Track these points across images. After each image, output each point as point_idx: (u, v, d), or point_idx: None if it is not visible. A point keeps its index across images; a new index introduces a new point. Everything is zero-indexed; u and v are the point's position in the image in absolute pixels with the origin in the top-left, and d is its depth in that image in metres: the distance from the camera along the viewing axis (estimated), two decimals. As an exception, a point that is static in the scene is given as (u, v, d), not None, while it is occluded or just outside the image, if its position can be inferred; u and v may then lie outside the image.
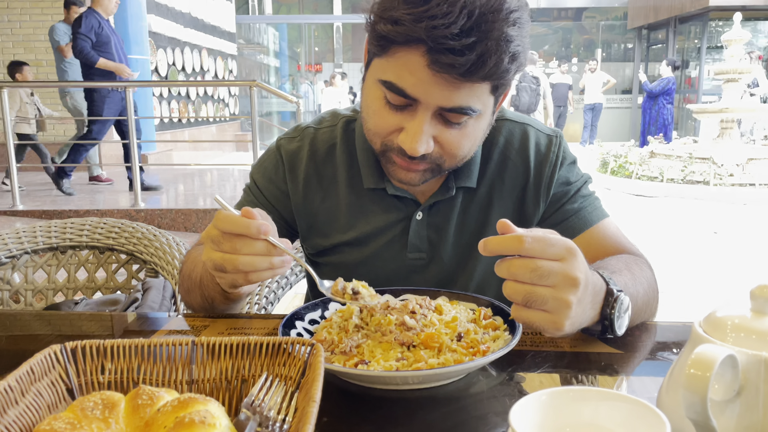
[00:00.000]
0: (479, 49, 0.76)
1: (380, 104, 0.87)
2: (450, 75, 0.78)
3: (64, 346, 0.60)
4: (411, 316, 0.74)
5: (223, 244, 0.76)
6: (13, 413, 0.52)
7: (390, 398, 0.68)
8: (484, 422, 0.64)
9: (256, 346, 0.62)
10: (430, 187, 1.00)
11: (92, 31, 5.17)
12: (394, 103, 0.86)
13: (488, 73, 0.79)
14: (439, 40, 0.76)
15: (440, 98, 0.82)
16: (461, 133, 0.87)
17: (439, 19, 0.75)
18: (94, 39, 5.18)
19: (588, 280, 0.71)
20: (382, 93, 0.86)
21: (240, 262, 0.75)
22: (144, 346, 0.62)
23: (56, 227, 1.51)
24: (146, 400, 0.53)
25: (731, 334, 0.50)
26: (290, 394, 0.59)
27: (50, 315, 1.09)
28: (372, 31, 0.84)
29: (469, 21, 0.75)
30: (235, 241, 0.75)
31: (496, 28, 0.77)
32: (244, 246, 0.75)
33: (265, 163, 1.09)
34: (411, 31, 0.77)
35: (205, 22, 11.20)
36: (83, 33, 5.15)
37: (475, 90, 0.82)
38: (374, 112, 0.89)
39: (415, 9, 0.77)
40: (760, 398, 0.47)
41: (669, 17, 13.03)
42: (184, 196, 5.90)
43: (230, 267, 0.76)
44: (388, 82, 0.83)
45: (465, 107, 0.83)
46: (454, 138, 0.87)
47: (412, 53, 0.79)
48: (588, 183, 1.04)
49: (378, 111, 0.88)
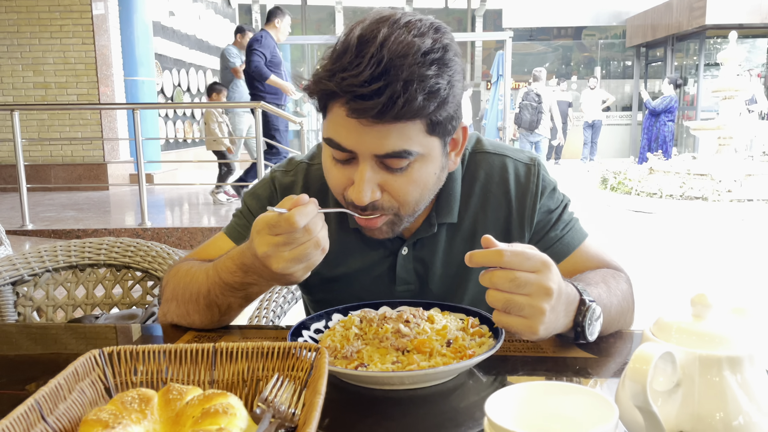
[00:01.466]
0: (388, 92, 0.81)
1: (331, 162, 0.93)
2: (366, 119, 0.83)
3: (102, 351, 0.69)
4: (405, 324, 0.83)
5: (299, 237, 0.81)
6: (62, 407, 0.61)
7: (386, 398, 0.76)
8: (471, 417, 0.72)
9: (268, 351, 0.71)
10: (413, 224, 1.05)
11: (268, 49, 5.46)
12: (338, 159, 0.91)
13: (402, 112, 0.82)
14: (349, 89, 0.82)
15: (372, 146, 0.86)
16: (407, 179, 0.90)
17: (348, 71, 0.82)
18: (269, 57, 5.46)
19: (561, 290, 0.80)
20: (329, 151, 0.92)
21: (321, 239, 0.83)
22: (171, 351, 0.71)
23: (75, 247, 1.60)
24: (176, 395, 0.62)
25: (674, 336, 0.59)
26: (299, 392, 0.68)
27: (77, 327, 1.18)
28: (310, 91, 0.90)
29: (378, 68, 0.81)
30: (313, 225, 0.81)
31: (404, 70, 0.81)
32: (317, 224, 0.82)
33: (259, 191, 1.13)
34: (326, 86, 0.84)
35: (210, 43, 11.40)
36: (260, 50, 5.49)
37: (406, 132, 0.86)
38: (327, 171, 0.95)
39: (332, 65, 0.84)
40: (696, 389, 0.56)
41: (667, 35, 13.22)
42: (189, 215, 6.02)
43: (314, 249, 0.83)
44: (328, 139, 0.90)
45: (398, 151, 0.86)
46: (400, 184, 0.90)
47: (338, 107, 0.86)
48: (568, 206, 1.10)
49: (330, 169, 0.94)
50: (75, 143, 7.65)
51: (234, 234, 1.10)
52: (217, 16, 11.95)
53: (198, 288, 0.98)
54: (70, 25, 7.52)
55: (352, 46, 0.83)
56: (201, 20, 10.96)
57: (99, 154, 7.78)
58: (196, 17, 10.75)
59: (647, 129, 11.03)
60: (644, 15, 14.25)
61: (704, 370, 0.56)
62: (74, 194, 7.23)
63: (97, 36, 7.55)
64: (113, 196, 7.14)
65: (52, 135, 7.62)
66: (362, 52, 0.82)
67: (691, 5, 11.95)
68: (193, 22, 10.59)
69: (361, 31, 0.83)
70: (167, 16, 9.49)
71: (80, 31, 7.52)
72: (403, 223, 0.96)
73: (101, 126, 7.69)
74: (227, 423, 0.57)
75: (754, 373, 0.56)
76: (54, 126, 7.68)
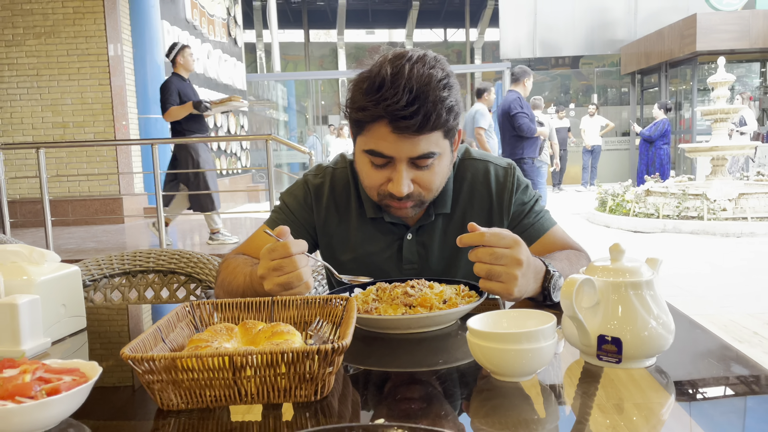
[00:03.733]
0: (423, 112, 1.11)
1: (369, 167, 1.21)
2: (408, 134, 1.12)
3: (191, 303, 0.95)
4: (411, 288, 1.09)
5: (286, 267, 1.00)
6: (171, 335, 0.87)
7: (397, 340, 1.02)
8: (463, 348, 0.97)
9: (311, 301, 0.97)
10: (416, 215, 1.31)
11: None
12: (377, 164, 1.19)
13: (433, 125, 1.13)
14: (393, 113, 1.10)
15: (408, 151, 1.15)
16: (431, 173, 1.20)
17: (390, 100, 1.10)
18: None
19: (530, 261, 1.06)
20: (368, 159, 1.20)
21: (304, 273, 1.02)
22: (239, 303, 0.97)
23: (128, 256, 1.87)
24: (251, 326, 0.88)
25: (597, 272, 0.85)
26: (334, 330, 0.94)
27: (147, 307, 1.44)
28: (349, 119, 1.20)
29: (411, 95, 1.10)
30: (296, 260, 1.01)
31: (430, 94, 1.11)
32: (301, 260, 1.02)
33: (296, 191, 1.41)
34: (374, 113, 1.12)
35: (218, 81, 11.84)
36: (525, 111, 6.04)
37: (431, 138, 1.15)
38: (366, 174, 1.22)
39: (373, 97, 1.11)
40: (610, 306, 0.82)
41: (660, 62, 13.61)
42: (200, 244, 6.29)
43: (298, 280, 1.01)
44: (369, 150, 1.17)
45: (427, 153, 1.16)
46: (427, 177, 1.20)
47: (379, 126, 1.14)
48: (539, 200, 1.37)
49: (368, 172, 1.21)
50: (92, 179, 7.98)
51: (273, 227, 1.36)
52: (225, 55, 12.43)
53: (238, 285, 1.22)
54: (87, 68, 7.91)
55: (387, 81, 1.11)
56: (209, 59, 11.41)
57: (115, 189, 8.11)
58: (205, 56, 11.20)
59: (643, 154, 11.30)
60: (637, 43, 14.69)
61: (614, 291, 0.82)
62: (91, 227, 7.53)
63: (113, 77, 7.94)
64: (128, 229, 7.43)
65: (70, 171, 7.96)
66: (396, 84, 1.10)
67: (681, 33, 12.36)
68: (202, 61, 11.04)
69: (391, 69, 1.12)
70: (178, 57, 9.91)
71: (97, 72, 7.91)
72: (425, 205, 1.26)
73: (117, 162, 8.03)
74: (291, 338, 0.83)
75: (650, 294, 0.82)
76: (72, 163, 8.03)
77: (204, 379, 0.73)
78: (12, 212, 6.58)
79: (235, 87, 13.11)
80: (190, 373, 0.72)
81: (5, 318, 0.94)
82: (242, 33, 14.21)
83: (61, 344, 1.09)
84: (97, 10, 7.81)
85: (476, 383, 0.83)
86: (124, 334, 1.26)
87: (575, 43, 16.33)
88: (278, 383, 0.74)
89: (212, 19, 11.77)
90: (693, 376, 0.85)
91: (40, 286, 1.05)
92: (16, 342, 0.95)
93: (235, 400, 0.75)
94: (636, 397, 0.74)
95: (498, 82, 11.87)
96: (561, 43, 16.63)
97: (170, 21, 9.60)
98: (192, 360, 0.71)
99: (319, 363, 0.73)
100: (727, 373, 0.84)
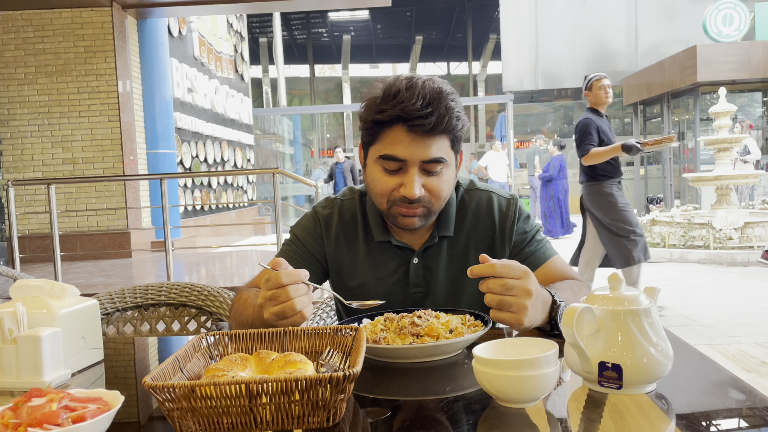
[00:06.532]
0: (436, 114, 1.21)
1: (381, 174, 1.28)
2: (422, 132, 1.22)
3: (207, 334, 0.99)
4: (418, 318, 1.13)
5: (280, 296, 1.04)
6: (188, 366, 0.91)
7: (404, 369, 1.05)
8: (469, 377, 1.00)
9: (322, 332, 1.01)
10: (421, 238, 1.38)
11: None
12: (390, 169, 1.26)
13: (445, 128, 1.23)
14: (410, 113, 1.21)
15: (420, 154, 1.23)
16: (440, 179, 1.28)
17: (407, 102, 1.21)
18: None
19: (539, 292, 1.09)
20: (381, 166, 1.27)
21: (297, 303, 1.04)
22: (252, 334, 1.01)
23: (140, 290, 1.91)
24: (264, 356, 0.92)
25: (598, 301, 0.89)
26: (344, 359, 0.98)
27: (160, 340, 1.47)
28: (365, 125, 1.28)
29: (425, 100, 1.21)
30: (289, 290, 1.04)
31: (442, 101, 1.22)
32: (295, 291, 1.05)
33: (305, 223, 1.47)
34: (392, 113, 1.22)
35: (225, 116, 12.03)
36: None
37: (441, 144, 1.25)
38: (378, 181, 1.29)
39: (392, 101, 1.22)
40: (610, 333, 0.85)
41: (662, 93, 13.74)
42: (206, 277, 6.33)
43: (291, 311, 1.04)
44: (384, 155, 1.25)
45: (437, 158, 1.24)
46: (436, 184, 1.27)
47: (395, 129, 1.24)
48: (539, 231, 1.42)
49: (381, 179, 1.28)
50: (100, 213, 8.07)
51: (285, 259, 1.41)
52: (232, 91, 12.65)
53: (248, 317, 1.26)
54: (97, 105, 8.07)
55: (403, 88, 1.23)
56: (217, 95, 11.62)
57: (123, 224, 8.18)
58: (213, 92, 11.41)
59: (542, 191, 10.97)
60: (639, 75, 14.86)
61: (613, 319, 0.85)
62: (99, 262, 7.58)
63: (122, 113, 8.08)
64: (136, 263, 7.48)
65: (78, 206, 8.05)
66: (411, 90, 1.22)
67: (682, 64, 12.51)
68: (210, 97, 11.23)
69: (405, 81, 1.24)
70: (186, 93, 10.11)
71: (107, 109, 8.06)
72: (431, 216, 1.32)
73: (125, 197, 8.12)
74: (304, 366, 0.87)
75: (648, 322, 0.86)
76: (80, 198, 8.12)
77: (221, 406, 0.76)
78: (21, 247, 6.65)
79: (242, 121, 13.31)
80: (208, 401, 0.76)
81: (29, 350, 0.98)
82: (249, 69, 14.47)
83: (80, 375, 1.12)
84: (107, 48, 7.99)
85: (483, 411, 0.85)
86: (139, 365, 1.29)
87: (577, 75, 16.51)
88: (292, 410, 0.77)
89: (219, 56, 12.02)
90: (695, 406, 0.88)
91: (62, 319, 1.09)
92: (39, 373, 0.99)
93: (251, 427, 0.78)
94: (642, 425, 0.77)
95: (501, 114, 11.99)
96: (563, 75, 16.84)
97: (179, 59, 9.82)
98: (210, 388, 0.75)
99: (332, 390, 0.76)
100: (729, 403, 0.87)
